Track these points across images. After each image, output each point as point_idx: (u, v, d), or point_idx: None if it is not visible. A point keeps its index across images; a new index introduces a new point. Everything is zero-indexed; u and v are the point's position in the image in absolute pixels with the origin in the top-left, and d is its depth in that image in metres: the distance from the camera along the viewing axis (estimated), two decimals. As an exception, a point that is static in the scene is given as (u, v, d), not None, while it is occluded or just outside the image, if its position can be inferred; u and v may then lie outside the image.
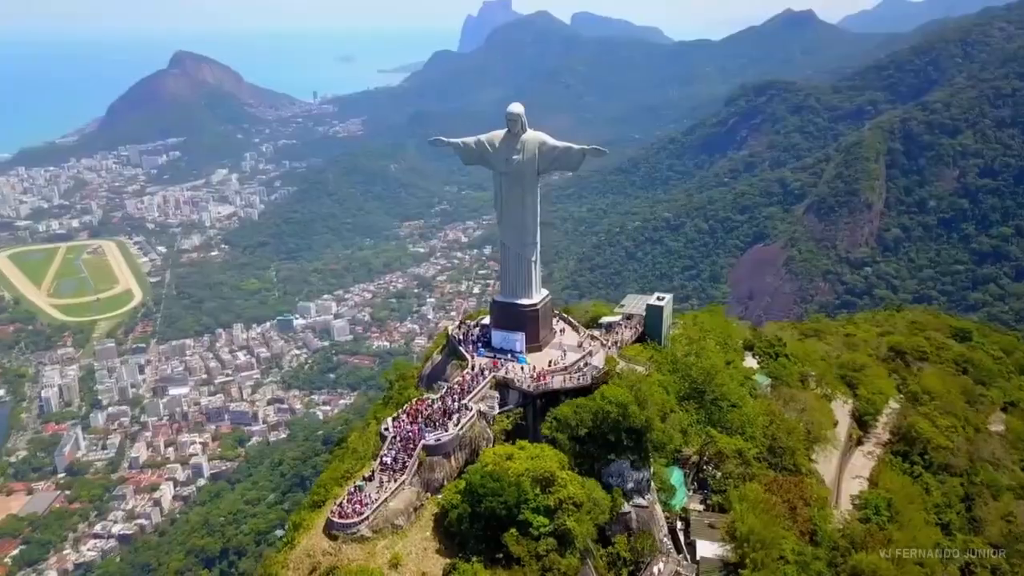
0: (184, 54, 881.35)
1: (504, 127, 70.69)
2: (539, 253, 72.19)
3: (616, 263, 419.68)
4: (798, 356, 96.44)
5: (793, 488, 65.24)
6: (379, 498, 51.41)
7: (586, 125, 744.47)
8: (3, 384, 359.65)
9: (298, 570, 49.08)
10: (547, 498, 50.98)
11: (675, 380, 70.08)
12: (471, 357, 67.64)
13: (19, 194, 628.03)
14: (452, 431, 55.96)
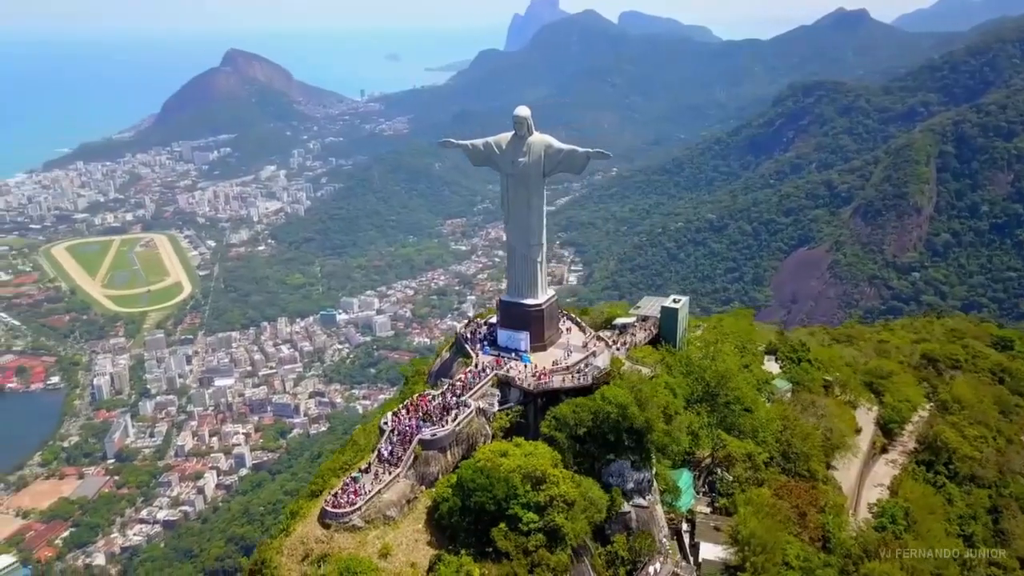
0: (236, 52, 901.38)
1: (511, 129, 72.16)
2: (545, 254, 73.13)
3: (657, 264, 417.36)
4: (823, 362, 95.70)
5: (804, 494, 65.22)
6: (373, 489, 52.85)
7: (631, 124, 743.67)
8: (58, 371, 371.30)
9: (292, 556, 50.85)
10: (537, 495, 51.81)
11: (689, 383, 70.45)
12: (475, 355, 68.91)
13: (77, 188, 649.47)
14: (448, 427, 57.16)
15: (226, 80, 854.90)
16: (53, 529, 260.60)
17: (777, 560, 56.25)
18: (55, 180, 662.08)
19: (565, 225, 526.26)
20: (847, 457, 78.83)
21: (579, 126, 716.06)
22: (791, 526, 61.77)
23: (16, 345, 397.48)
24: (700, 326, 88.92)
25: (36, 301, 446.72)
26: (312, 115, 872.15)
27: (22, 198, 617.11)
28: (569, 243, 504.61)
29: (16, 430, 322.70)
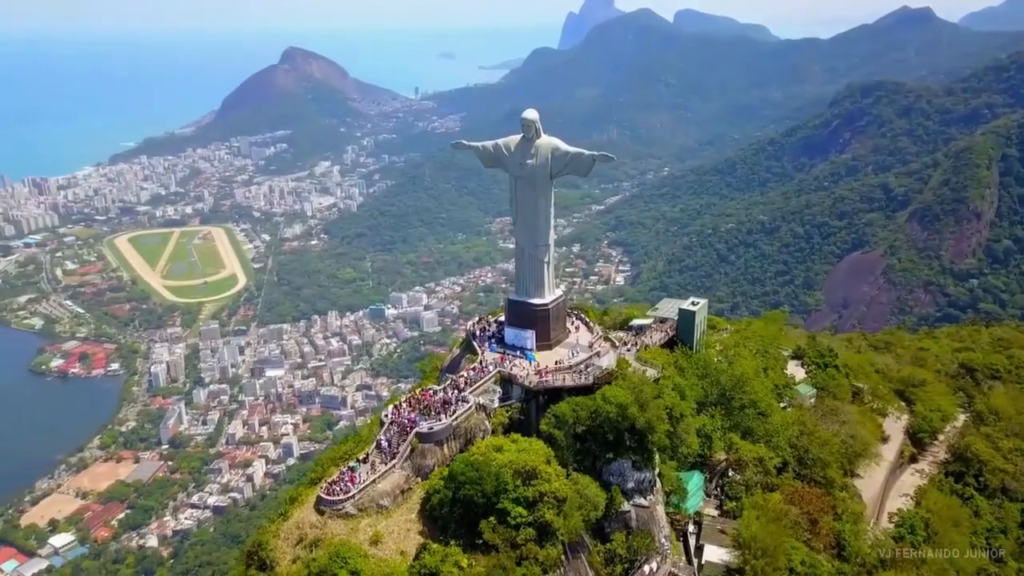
0: (294, 50, 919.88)
1: (520, 132, 73.28)
2: (552, 255, 74.36)
3: (707, 265, 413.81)
4: (851, 368, 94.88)
5: (815, 500, 65.16)
6: (368, 479, 54.86)
7: (684, 124, 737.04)
8: (118, 358, 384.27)
9: (287, 540, 53.33)
10: (527, 490, 52.94)
11: (704, 385, 70.99)
12: (481, 352, 70.48)
13: (141, 181, 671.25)
14: (445, 421, 58.81)
15: (284, 77, 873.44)
16: (110, 510, 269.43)
17: (780, 565, 56.54)
18: (120, 173, 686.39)
19: (614, 225, 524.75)
20: (871, 465, 78.42)
21: (631, 125, 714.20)
22: (801, 532, 61.91)
23: (80, 332, 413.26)
24: (725, 329, 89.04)
25: (99, 290, 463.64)
26: (366, 112, 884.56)
27: (89, 190, 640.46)
28: (617, 243, 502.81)
29: (78, 414, 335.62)
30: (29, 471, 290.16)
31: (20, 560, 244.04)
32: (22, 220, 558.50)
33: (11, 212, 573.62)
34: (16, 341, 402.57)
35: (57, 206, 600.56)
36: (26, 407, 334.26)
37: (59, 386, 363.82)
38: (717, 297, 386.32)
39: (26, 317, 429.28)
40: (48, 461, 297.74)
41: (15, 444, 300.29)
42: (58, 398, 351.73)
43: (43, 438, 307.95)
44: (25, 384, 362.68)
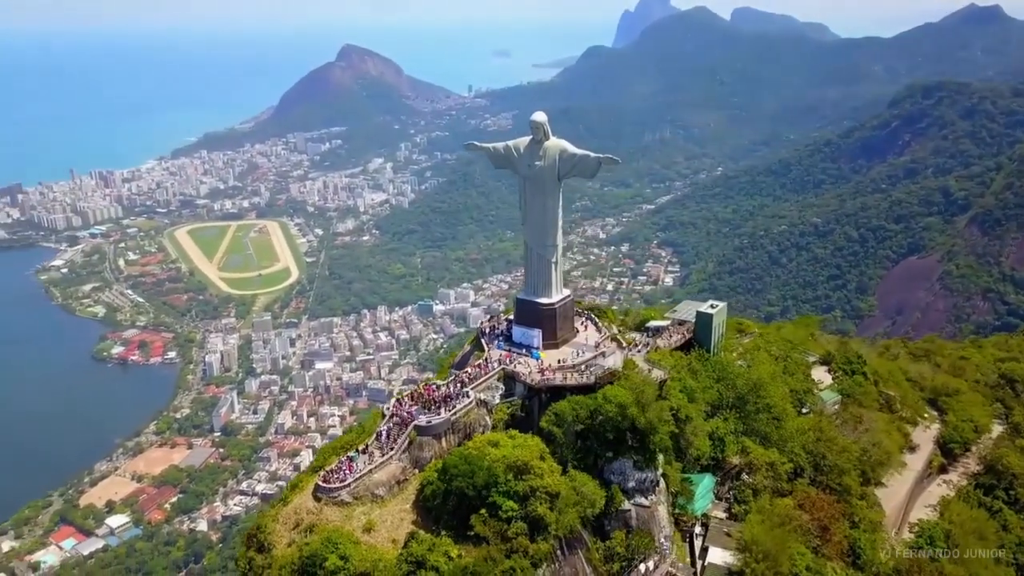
0: (351, 48, 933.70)
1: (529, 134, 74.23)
2: (560, 255, 75.34)
3: (758, 268, 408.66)
4: (881, 375, 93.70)
5: (827, 507, 65.09)
6: (366, 469, 56.95)
7: (739, 123, 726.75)
8: (175, 347, 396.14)
9: (285, 524, 55.85)
10: (519, 484, 54.17)
11: (720, 388, 71.32)
12: (488, 349, 72.16)
13: (200, 175, 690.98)
14: (444, 415, 60.60)
15: (340, 74, 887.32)
16: (163, 494, 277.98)
17: (783, 570, 56.67)
18: (181, 167, 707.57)
19: (664, 225, 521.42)
20: (896, 475, 77.62)
21: (684, 125, 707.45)
22: (811, 538, 61.93)
23: (140, 320, 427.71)
24: (750, 333, 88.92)
25: (159, 280, 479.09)
26: (420, 109, 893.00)
27: (152, 183, 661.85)
28: (667, 243, 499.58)
29: (136, 400, 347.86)
30: (89, 453, 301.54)
31: (78, 539, 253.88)
32: (88, 211, 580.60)
33: (78, 204, 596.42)
34: (80, 328, 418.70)
35: (121, 198, 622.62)
36: (88, 392, 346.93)
37: (119, 373, 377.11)
38: (767, 300, 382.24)
39: (90, 305, 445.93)
40: (107, 444, 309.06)
41: (77, 427, 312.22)
42: (118, 384, 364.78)
43: (103, 422, 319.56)
44: (87, 370, 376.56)
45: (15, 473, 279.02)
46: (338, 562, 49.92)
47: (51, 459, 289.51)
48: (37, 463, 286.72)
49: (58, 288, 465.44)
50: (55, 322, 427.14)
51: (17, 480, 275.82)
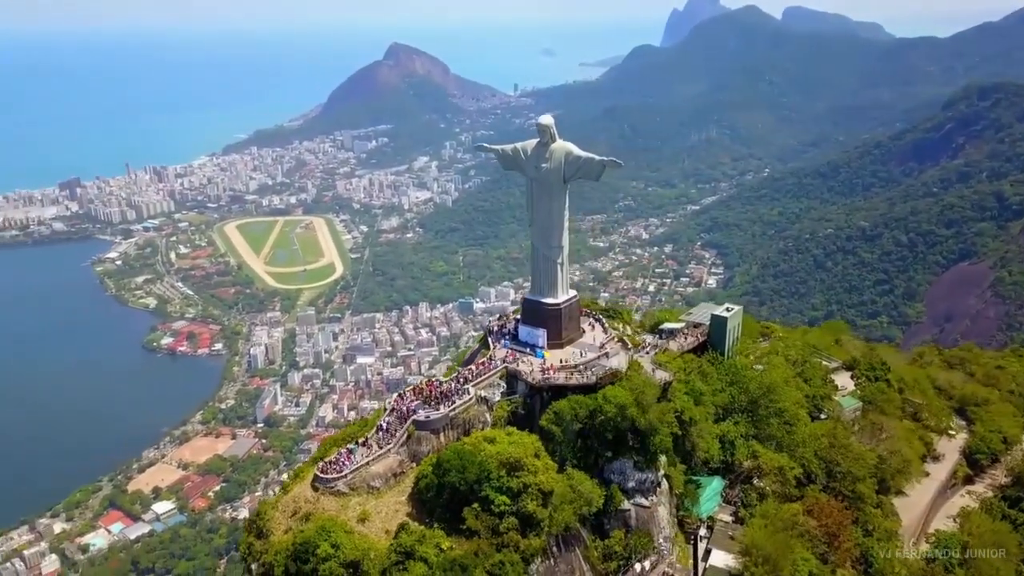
0: (398, 46, 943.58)
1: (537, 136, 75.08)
2: (566, 256, 76.15)
3: (802, 271, 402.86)
4: (907, 383, 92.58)
5: (836, 514, 64.89)
6: (362, 461, 58.70)
7: (787, 124, 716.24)
8: (222, 339, 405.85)
9: (284, 512, 58.09)
10: (511, 480, 55.30)
11: (733, 392, 71.50)
12: (493, 348, 73.42)
13: (250, 171, 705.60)
14: (442, 411, 62.08)
15: (388, 73, 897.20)
16: (207, 482, 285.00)
17: (783, 574, 56.83)
18: (231, 163, 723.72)
19: (709, 226, 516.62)
20: (918, 484, 76.82)
21: (731, 125, 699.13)
22: (818, 545, 61.94)
23: (188, 313, 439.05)
24: (769, 337, 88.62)
25: (208, 273, 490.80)
26: (466, 108, 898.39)
27: (203, 178, 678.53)
28: (711, 244, 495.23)
29: (183, 390, 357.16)
30: (138, 441, 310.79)
31: (126, 523, 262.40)
32: (142, 205, 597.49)
33: (133, 198, 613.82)
34: (132, 319, 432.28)
35: (174, 193, 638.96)
36: (138, 381, 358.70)
37: (168, 363, 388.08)
38: (811, 305, 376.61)
39: (142, 296, 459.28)
40: (155, 432, 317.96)
41: (127, 415, 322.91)
42: (166, 374, 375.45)
43: (151, 410, 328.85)
44: (138, 359, 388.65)
45: (68, 458, 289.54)
46: (329, 550, 51.76)
47: (102, 445, 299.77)
48: (89, 449, 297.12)
49: (112, 279, 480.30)
50: (108, 312, 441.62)
51: (70, 465, 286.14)
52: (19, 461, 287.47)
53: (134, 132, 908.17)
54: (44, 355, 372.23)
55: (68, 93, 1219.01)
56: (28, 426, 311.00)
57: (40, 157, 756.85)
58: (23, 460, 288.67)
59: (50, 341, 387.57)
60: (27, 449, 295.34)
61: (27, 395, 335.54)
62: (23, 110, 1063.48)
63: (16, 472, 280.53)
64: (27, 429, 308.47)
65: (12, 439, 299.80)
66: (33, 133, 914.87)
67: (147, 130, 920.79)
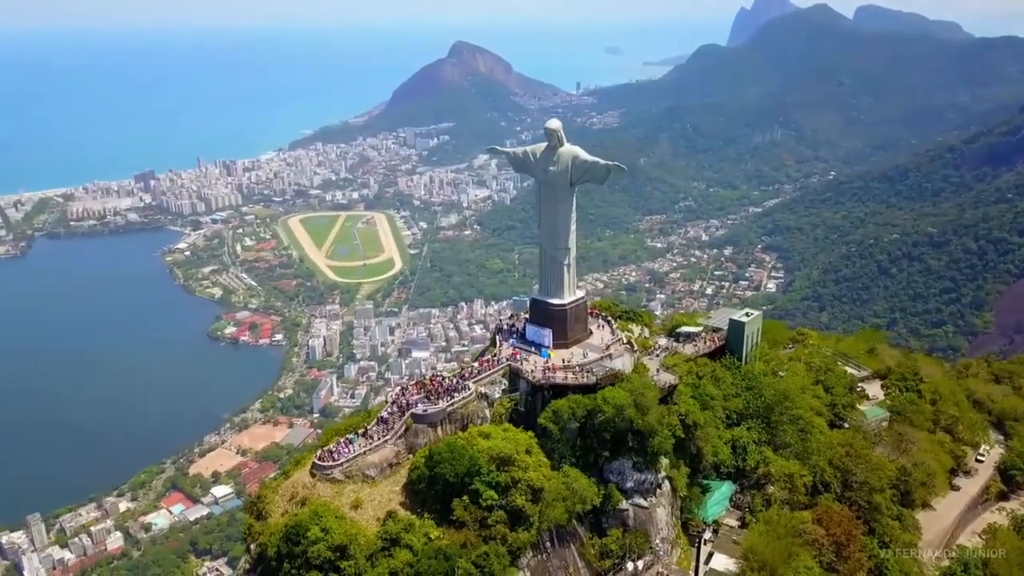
0: (462, 44, 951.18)
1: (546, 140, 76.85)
2: (573, 258, 77.41)
3: (865, 277, 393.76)
4: (942, 394, 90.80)
5: (845, 523, 64.64)
6: (359, 450, 61.02)
7: (856, 126, 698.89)
8: (282, 330, 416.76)
9: (283, 496, 60.98)
10: (501, 475, 56.95)
11: (749, 397, 71.64)
12: (498, 346, 75.30)
13: (315, 166, 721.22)
14: (440, 405, 64.01)
15: (451, 71, 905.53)
16: (264, 469, 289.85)
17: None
18: (297, 158, 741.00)
19: (770, 229, 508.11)
20: (946, 497, 75.52)
21: (797, 126, 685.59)
22: (825, 554, 61.84)
23: (252, 303, 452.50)
24: (790, 344, 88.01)
25: (271, 266, 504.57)
26: (527, 107, 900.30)
27: (270, 173, 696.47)
28: (772, 248, 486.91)
29: (244, 378, 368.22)
30: (200, 426, 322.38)
31: (186, 505, 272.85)
32: (212, 198, 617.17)
33: (203, 191, 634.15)
34: (198, 307, 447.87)
35: (241, 187, 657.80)
36: (202, 368, 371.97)
37: (230, 351, 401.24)
38: (873, 312, 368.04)
39: (208, 286, 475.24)
40: (216, 419, 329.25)
41: (191, 401, 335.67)
42: (229, 362, 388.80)
43: (214, 397, 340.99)
44: (203, 347, 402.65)
45: (135, 440, 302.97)
46: (319, 533, 54.29)
47: (167, 429, 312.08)
48: (154, 431, 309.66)
49: (181, 269, 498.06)
50: (177, 301, 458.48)
51: (136, 446, 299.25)
52: (90, 441, 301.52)
53: (206, 127, 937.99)
54: (117, 341, 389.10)
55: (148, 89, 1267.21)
56: (100, 408, 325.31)
57: (118, 150, 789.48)
58: (94, 440, 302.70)
59: (122, 327, 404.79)
60: (98, 430, 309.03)
61: (99, 379, 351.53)
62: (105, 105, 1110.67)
63: (87, 452, 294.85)
64: (99, 411, 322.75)
65: (85, 421, 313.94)
66: (113, 127, 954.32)
67: (219, 125, 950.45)
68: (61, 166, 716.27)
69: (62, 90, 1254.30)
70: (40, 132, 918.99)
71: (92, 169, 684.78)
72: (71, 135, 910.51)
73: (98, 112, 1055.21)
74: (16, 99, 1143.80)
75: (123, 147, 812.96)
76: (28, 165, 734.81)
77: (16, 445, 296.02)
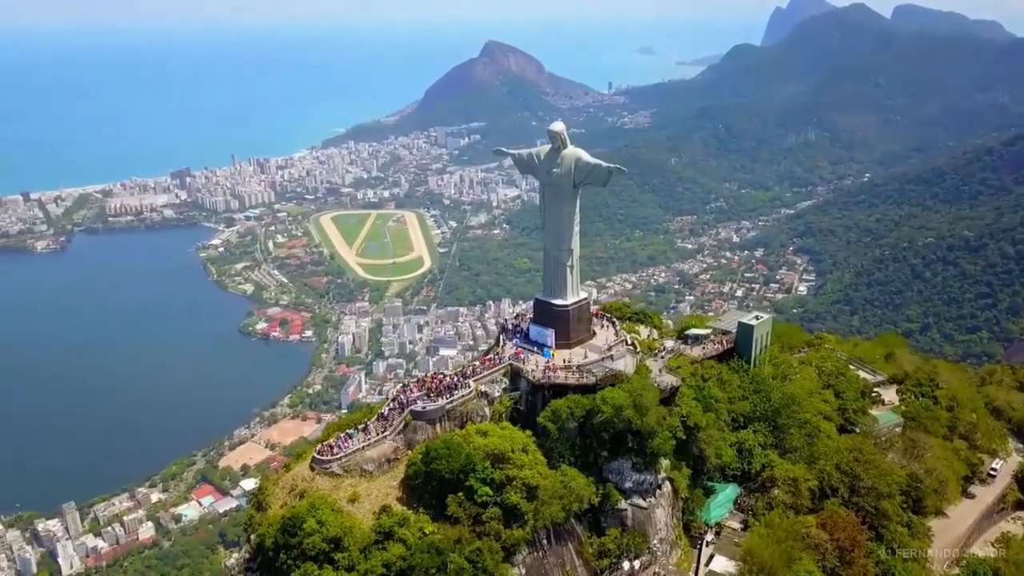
0: (494, 44, 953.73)
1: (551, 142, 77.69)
2: (576, 259, 78.55)
3: (898, 281, 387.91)
4: (959, 401, 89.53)
5: (851, 529, 64.43)
6: (357, 445, 62.38)
7: (892, 128, 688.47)
8: (312, 326, 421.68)
9: (283, 488, 62.75)
10: (496, 472, 57.83)
11: (756, 401, 71.66)
12: (501, 345, 76.54)
13: (347, 164, 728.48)
14: (439, 402, 65.05)
15: (483, 70, 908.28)
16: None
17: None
18: (329, 157, 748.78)
19: (802, 231, 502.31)
20: (960, 505, 74.77)
21: (832, 127, 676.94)
22: (830, 559, 61.76)
23: (283, 300, 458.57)
24: (805, 348, 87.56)
25: (302, 263, 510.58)
26: (558, 106, 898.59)
27: (302, 171, 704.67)
28: (804, 250, 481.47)
29: (274, 373, 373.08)
30: (230, 420, 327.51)
31: (216, 498, 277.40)
32: (245, 195, 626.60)
33: (237, 188, 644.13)
34: (230, 303, 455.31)
35: (274, 184, 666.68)
36: (233, 363, 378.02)
37: (261, 347, 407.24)
38: (906, 316, 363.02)
39: (240, 282, 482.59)
40: (246, 412, 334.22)
41: (222, 395, 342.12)
42: (259, 357, 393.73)
43: (244, 391, 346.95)
44: (234, 342, 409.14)
45: (167, 432, 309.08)
46: (314, 525, 55.75)
47: (198, 422, 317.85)
48: (186, 424, 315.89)
49: (214, 265, 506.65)
50: (209, 296, 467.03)
51: (168, 438, 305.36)
52: (125, 433, 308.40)
53: (241, 126, 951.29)
54: (151, 335, 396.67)
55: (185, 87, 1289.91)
56: (134, 400, 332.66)
57: (155, 148, 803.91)
58: (128, 432, 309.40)
59: (157, 322, 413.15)
60: (132, 422, 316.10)
61: (134, 371, 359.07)
62: (144, 103, 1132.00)
63: (121, 443, 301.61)
64: (133, 403, 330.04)
65: (120, 412, 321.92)
66: (150, 125, 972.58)
67: (254, 124, 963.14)
68: (100, 163, 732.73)
69: (103, 88, 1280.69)
70: (80, 129, 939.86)
71: (130, 166, 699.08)
72: (110, 132, 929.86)
73: (136, 110, 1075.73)
74: (60, 96, 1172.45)
75: (160, 144, 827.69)
76: (68, 161, 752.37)
77: (53, 435, 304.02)
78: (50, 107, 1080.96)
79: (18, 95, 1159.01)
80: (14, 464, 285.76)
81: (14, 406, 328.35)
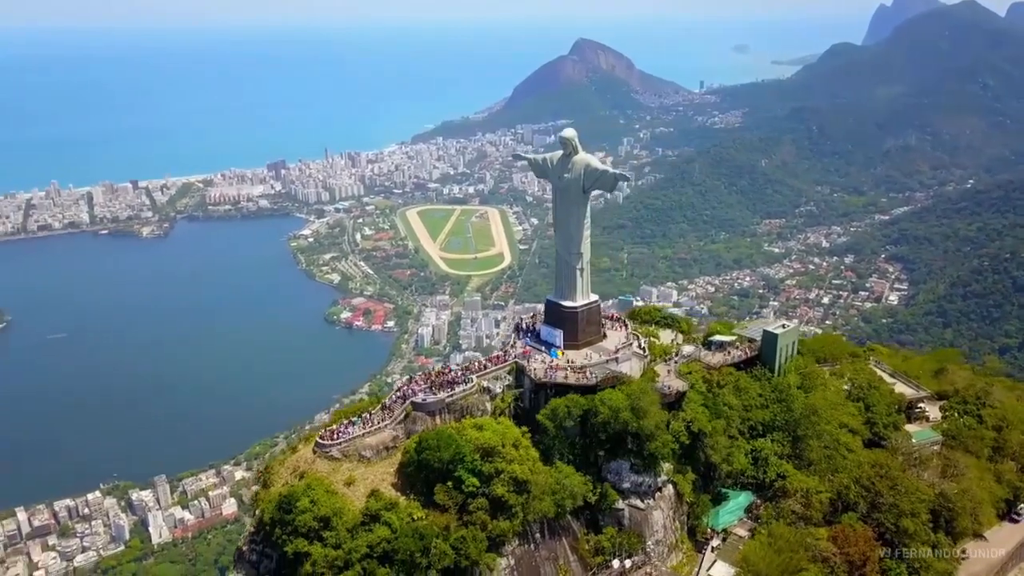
0: (584, 42, 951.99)
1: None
2: (587, 262, 79.98)
3: (997, 294, 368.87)
4: (1010, 420, 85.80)
5: (862, 544, 63.71)
6: (358, 432, 65.76)
7: (1000, 132, 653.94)
8: (394, 317, 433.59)
9: (287, 469, 66.85)
10: (484, 465, 59.88)
11: (777, 409, 71.49)
12: (512, 343, 79.14)
13: (435, 160, 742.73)
14: (439, 395, 67.60)
15: (572, 68, 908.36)
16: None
17: None
18: (418, 152, 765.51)
19: (896, 238, 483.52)
20: (1002, 528, 72.49)
21: (934, 131, 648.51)
22: (839, 574, 61.50)
23: (367, 290, 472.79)
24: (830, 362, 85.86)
25: (388, 255, 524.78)
26: (647, 105, 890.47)
27: (391, 165, 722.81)
28: (897, 258, 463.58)
29: (355, 361, 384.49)
30: (312, 404, 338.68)
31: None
32: (336, 188, 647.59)
33: (329, 181, 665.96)
34: (317, 292, 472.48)
35: (364, 178, 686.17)
36: (317, 351, 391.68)
37: (344, 335, 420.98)
38: (1004, 331, 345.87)
39: (327, 272, 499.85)
40: (327, 398, 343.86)
41: (305, 380, 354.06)
42: (342, 345, 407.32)
43: (326, 378, 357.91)
44: (319, 331, 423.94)
45: (253, 413, 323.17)
46: (307, 504, 59.43)
47: (282, 404, 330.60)
48: (270, 406, 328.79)
49: (304, 254, 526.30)
50: (298, 284, 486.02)
51: (253, 419, 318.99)
52: (214, 412, 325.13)
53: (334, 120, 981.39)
54: (243, 319, 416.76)
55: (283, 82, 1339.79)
56: (224, 381, 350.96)
57: (253, 140, 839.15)
58: (217, 411, 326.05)
59: (249, 307, 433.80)
60: (222, 401, 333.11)
61: (225, 353, 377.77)
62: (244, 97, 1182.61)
63: (210, 421, 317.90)
64: (223, 383, 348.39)
65: (210, 392, 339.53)
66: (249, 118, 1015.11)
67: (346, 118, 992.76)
68: (203, 154, 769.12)
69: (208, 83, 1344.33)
70: (186, 122, 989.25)
71: (230, 157, 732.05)
72: (212, 125, 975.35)
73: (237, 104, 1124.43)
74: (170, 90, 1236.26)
75: (260, 137, 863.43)
76: (174, 152, 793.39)
77: (149, 411, 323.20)
78: (164, 100, 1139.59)
79: (115, 90, 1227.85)
80: (114, 434, 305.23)
81: (116, 380, 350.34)
